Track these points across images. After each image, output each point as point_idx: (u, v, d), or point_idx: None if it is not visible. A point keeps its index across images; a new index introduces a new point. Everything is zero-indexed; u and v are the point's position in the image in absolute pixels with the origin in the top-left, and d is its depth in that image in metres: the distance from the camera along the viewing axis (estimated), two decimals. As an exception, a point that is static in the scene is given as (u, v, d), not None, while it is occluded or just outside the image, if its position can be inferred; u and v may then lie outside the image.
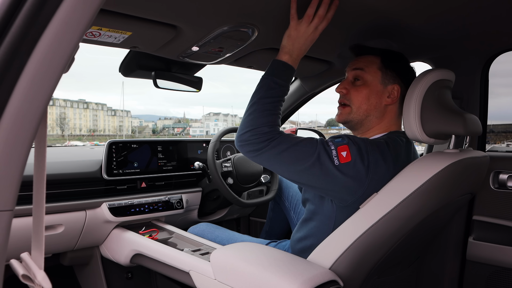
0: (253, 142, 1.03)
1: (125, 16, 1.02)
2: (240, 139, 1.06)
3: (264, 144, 1.03)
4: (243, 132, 1.05)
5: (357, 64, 1.18)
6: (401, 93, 1.17)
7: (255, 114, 1.05)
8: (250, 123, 1.05)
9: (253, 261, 1.02)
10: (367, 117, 1.16)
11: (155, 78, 1.55)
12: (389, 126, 1.18)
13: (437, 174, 0.97)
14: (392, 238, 1.01)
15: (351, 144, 1.02)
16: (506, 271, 1.38)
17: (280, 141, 1.03)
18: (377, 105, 1.15)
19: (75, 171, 1.54)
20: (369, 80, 1.16)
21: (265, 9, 1.05)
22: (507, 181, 1.41)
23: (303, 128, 2.24)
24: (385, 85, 1.16)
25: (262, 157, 1.04)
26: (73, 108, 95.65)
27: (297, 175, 1.04)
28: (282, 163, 1.03)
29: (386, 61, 1.17)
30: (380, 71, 1.16)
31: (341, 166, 1.00)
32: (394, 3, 1.02)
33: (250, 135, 1.04)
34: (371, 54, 1.19)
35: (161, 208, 1.72)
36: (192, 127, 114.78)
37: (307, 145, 1.03)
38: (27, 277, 0.49)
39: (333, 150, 1.01)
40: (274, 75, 1.07)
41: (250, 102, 1.08)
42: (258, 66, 1.63)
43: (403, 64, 1.20)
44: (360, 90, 1.16)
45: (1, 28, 0.43)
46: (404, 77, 1.18)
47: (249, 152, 1.05)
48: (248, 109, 1.07)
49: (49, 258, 1.57)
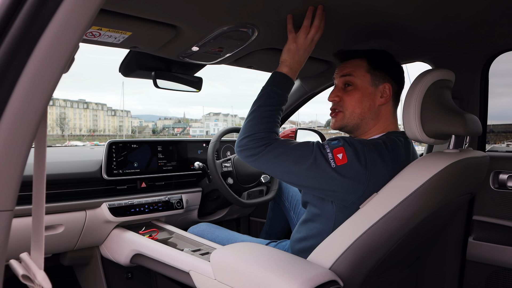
0: (250, 147, 1.07)
1: (125, 16, 1.02)
2: (238, 144, 1.10)
3: (260, 149, 1.06)
4: (242, 137, 1.09)
5: (344, 70, 1.19)
6: (393, 90, 1.18)
7: (254, 121, 1.09)
8: (248, 129, 1.08)
9: (253, 261, 1.02)
10: (362, 120, 1.17)
11: (155, 78, 1.55)
12: (386, 126, 1.18)
13: (437, 174, 0.97)
14: (392, 238, 1.01)
15: (346, 146, 1.03)
16: (506, 271, 1.38)
17: (276, 145, 1.06)
18: (370, 107, 1.16)
19: (75, 171, 1.54)
20: (359, 84, 1.16)
21: (265, 9, 1.05)
22: (507, 181, 1.41)
23: (303, 128, 2.24)
24: (376, 86, 1.17)
25: (259, 162, 1.07)
26: (73, 108, 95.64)
27: (296, 177, 1.06)
28: (279, 166, 1.05)
29: (373, 63, 1.17)
30: (369, 73, 1.17)
31: (338, 168, 1.01)
32: (394, 3, 1.02)
33: (247, 140, 1.07)
34: (357, 58, 1.20)
35: (161, 208, 1.72)
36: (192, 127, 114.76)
37: (304, 149, 1.05)
38: (27, 277, 0.49)
39: (329, 153, 1.02)
40: (273, 85, 1.11)
41: (250, 110, 1.12)
42: (258, 66, 1.63)
43: (390, 62, 1.21)
44: (352, 95, 1.17)
45: (1, 28, 0.43)
46: (393, 74, 1.19)
47: (247, 157, 1.09)
48: (248, 116, 1.11)
49: (49, 258, 1.57)
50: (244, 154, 1.09)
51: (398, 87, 1.20)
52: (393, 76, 1.18)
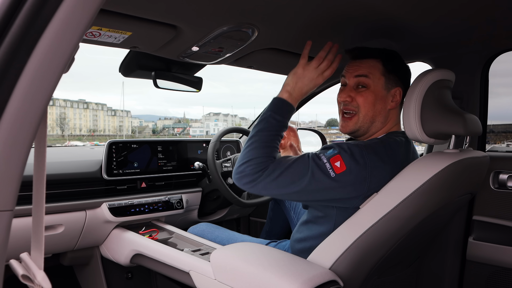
0: (248, 174, 1.03)
1: (125, 16, 1.02)
2: (236, 171, 1.06)
3: (258, 175, 1.02)
4: (239, 164, 1.05)
5: (359, 71, 1.14)
6: (402, 95, 1.17)
7: (252, 146, 1.06)
8: (246, 155, 1.05)
9: (253, 261, 1.02)
10: (372, 123, 1.14)
11: (155, 78, 1.55)
12: (390, 128, 1.17)
13: (437, 174, 0.97)
14: (392, 238, 1.01)
15: (342, 153, 1.01)
16: (506, 271, 1.38)
17: (273, 168, 1.02)
18: (381, 110, 1.14)
19: (75, 171, 1.54)
20: (373, 86, 1.12)
21: (265, 9, 1.05)
22: (507, 181, 1.41)
23: (303, 128, 2.24)
24: (388, 89, 1.14)
25: (258, 187, 1.03)
26: (73, 108, 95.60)
27: (297, 196, 1.04)
28: (279, 188, 1.02)
29: (388, 65, 1.14)
30: (384, 77, 1.13)
31: (338, 176, 1.00)
32: (394, 4, 1.02)
33: (245, 166, 1.04)
34: (371, 58, 1.15)
35: (161, 208, 1.72)
36: (192, 127, 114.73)
37: (299, 165, 1.02)
38: (27, 277, 0.49)
39: (326, 163, 1.01)
40: (272, 110, 1.09)
41: (249, 136, 1.09)
42: (258, 66, 1.63)
43: (402, 65, 1.20)
44: (366, 96, 1.12)
45: (1, 28, 0.43)
46: (404, 79, 1.17)
47: (246, 184, 1.04)
48: (246, 143, 1.08)
49: (49, 258, 1.56)
50: (242, 181, 1.04)
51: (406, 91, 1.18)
52: (404, 81, 1.16)
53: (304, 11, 1.06)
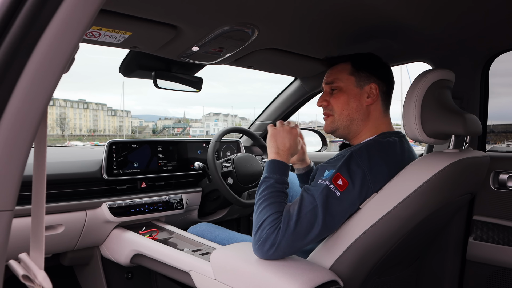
0: (264, 237, 0.99)
1: (125, 16, 1.02)
2: (254, 241, 1.02)
3: (274, 234, 0.99)
4: (255, 232, 1.03)
5: (328, 77, 1.22)
6: (381, 90, 1.18)
7: (259, 209, 1.05)
8: (257, 220, 1.03)
9: (253, 261, 1.02)
10: (351, 121, 1.18)
11: (155, 78, 1.55)
12: (377, 126, 1.18)
13: (437, 174, 0.97)
14: (392, 238, 1.01)
15: (340, 169, 1.02)
16: (506, 271, 1.38)
17: (286, 220, 0.99)
18: (358, 107, 1.17)
19: (75, 171, 1.54)
20: (344, 87, 1.18)
21: (265, 9, 1.05)
22: (507, 181, 1.41)
23: (304, 128, 2.24)
24: (361, 87, 1.17)
25: (282, 247, 0.99)
26: (73, 108, 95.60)
27: (320, 232, 1.00)
28: (302, 240, 0.99)
29: (357, 64, 1.19)
30: (353, 76, 1.18)
31: (344, 193, 1.00)
32: (394, 4, 1.02)
33: (260, 232, 1.01)
34: (341, 62, 1.22)
35: (161, 208, 1.72)
36: (192, 127, 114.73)
37: (308, 206, 1.00)
38: (27, 278, 0.49)
39: (330, 185, 1.00)
40: (268, 172, 1.11)
41: (255, 205, 1.08)
42: (258, 66, 1.63)
43: (374, 62, 1.21)
44: (338, 97, 1.18)
45: (1, 28, 0.43)
46: (379, 75, 1.19)
47: (268, 251, 0.99)
48: (255, 211, 1.07)
49: (49, 258, 1.56)
50: (265, 249, 0.99)
51: (387, 86, 1.20)
52: (379, 76, 1.19)
53: (304, 11, 1.07)
